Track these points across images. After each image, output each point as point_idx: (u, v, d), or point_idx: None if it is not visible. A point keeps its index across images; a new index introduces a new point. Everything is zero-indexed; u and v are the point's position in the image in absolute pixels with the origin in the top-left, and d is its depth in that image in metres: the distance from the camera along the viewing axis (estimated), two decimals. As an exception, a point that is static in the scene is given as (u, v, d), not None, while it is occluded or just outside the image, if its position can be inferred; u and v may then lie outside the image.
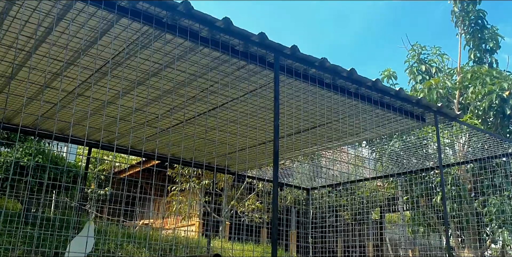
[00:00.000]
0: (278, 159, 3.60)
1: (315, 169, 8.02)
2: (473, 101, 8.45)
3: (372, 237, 17.18)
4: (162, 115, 5.13)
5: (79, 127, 5.70)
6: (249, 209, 13.85)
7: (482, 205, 7.51)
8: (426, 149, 7.32)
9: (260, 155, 6.48)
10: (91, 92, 4.47)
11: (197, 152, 6.49)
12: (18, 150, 10.08)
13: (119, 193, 12.28)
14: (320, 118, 4.99)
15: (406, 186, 8.21)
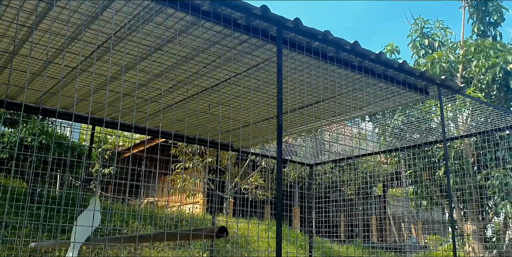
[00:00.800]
0: (282, 133, 3.61)
1: (318, 145, 8.03)
2: (476, 75, 8.40)
3: (375, 212, 17.34)
4: (165, 92, 5.13)
5: (82, 105, 5.70)
6: (253, 186, 13.96)
7: (485, 178, 7.54)
8: (429, 123, 7.32)
9: (264, 131, 6.49)
10: (94, 68, 4.46)
11: (200, 128, 6.50)
12: (22, 130, 10.12)
13: (123, 172, 12.38)
14: (323, 93, 4.98)
15: (409, 160, 8.25)
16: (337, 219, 16.27)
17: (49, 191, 10.98)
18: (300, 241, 12.51)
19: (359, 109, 5.53)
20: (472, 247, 7.58)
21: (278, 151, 3.59)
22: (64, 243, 4.88)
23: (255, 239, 11.01)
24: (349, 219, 15.71)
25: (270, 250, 10.47)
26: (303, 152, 8.30)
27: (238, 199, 14.33)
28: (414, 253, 12.28)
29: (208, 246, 9.47)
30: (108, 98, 5.31)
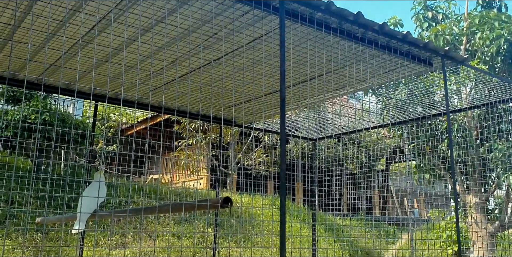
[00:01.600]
0: (285, 106, 3.60)
1: (321, 120, 8.03)
2: (480, 47, 8.32)
3: (378, 186, 17.45)
4: (168, 66, 5.10)
5: (85, 80, 5.69)
6: (256, 162, 14.03)
7: (488, 150, 7.56)
8: (432, 97, 7.30)
9: (267, 105, 6.49)
10: (95, 44, 4.44)
11: (203, 103, 6.50)
12: (25, 107, 10.14)
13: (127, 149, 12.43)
14: (326, 65, 4.95)
15: (412, 134, 8.25)
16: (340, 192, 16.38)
17: (54, 169, 11.07)
18: (303, 215, 12.64)
19: (363, 82, 5.51)
20: (474, 219, 7.65)
21: (281, 124, 3.59)
22: (70, 217, 4.93)
23: (259, 213, 11.13)
24: (352, 193, 15.83)
25: (274, 224, 10.59)
26: (306, 127, 8.31)
27: (241, 175, 14.43)
28: (417, 226, 12.41)
29: (213, 220, 9.58)
30: (110, 73, 5.29)
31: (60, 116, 10.35)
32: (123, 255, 8.73)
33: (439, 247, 8.13)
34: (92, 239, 8.93)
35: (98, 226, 9.37)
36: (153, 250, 9.30)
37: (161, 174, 15.57)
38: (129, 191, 9.97)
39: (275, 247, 9.43)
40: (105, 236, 9.27)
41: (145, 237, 9.74)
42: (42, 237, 8.29)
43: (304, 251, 9.54)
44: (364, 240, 11.96)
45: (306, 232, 10.98)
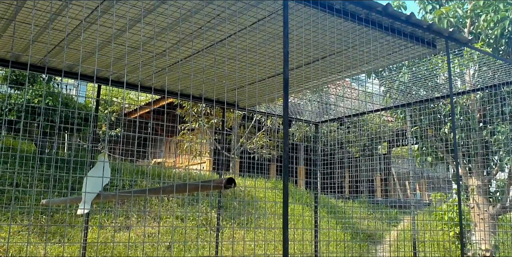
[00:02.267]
0: (288, 87, 3.60)
1: (324, 103, 8.03)
2: (484, 30, 8.27)
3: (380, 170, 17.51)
4: (170, 48, 5.10)
5: (88, 63, 5.69)
6: (259, 146, 14.07)
7: (491, 133, 7.56)
8: (436, 79, 7.28)
9: (270, 88, 6.49)
10: (98, 25, 4.43)
11: (206, 87, 6.50)
12: (28, 91, 10.15)
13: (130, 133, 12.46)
14: (330, 47, 4.94)
15: (414, 117, 8.25)
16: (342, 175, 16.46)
17: (57, 152, 11.13)
18: (305, 199, 12.72)
19: (366, 64, 5.49)
20: (476, 201, 7.70)
21: (284, 105, 3.60)
22: (74, 199, 4.98)
23: (262, 196, 11.21)
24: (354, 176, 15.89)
25: (277, 206, 10.67)
26: (309, 111, 8.31)
27: (244, 159, 14.48)
28: (418, 209, 12.49)
29: (216, 203, 9.65)
30: (113, 55, 5.29)
31: (63, 100, 10.37)
32: (128, 237, 8.83)
33: (440, 229, 8.19)
34: (97, 222, 9.02)
35: (103, 208, 9.46)
36: (157, 232, 9.39)
37: (164, 158, 15.64)
38: (132, 174, 10.03)
39: (278, 229, 9.52)
40: (109, 219, 9.36)
41: (149, 220, 9.83)
42: (47, 220, 8.38)
43: (306, 233, 9.63)
44: (366, 222, 12.06)
45: (308, 215, 11.06)
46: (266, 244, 9.88)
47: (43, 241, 8.12)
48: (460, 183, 5.34)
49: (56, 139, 10.57)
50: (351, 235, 11.59)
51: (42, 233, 8.27)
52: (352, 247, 10.74)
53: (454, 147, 4.90)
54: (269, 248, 9.78)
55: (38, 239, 8.21)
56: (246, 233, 10.36)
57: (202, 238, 9.78)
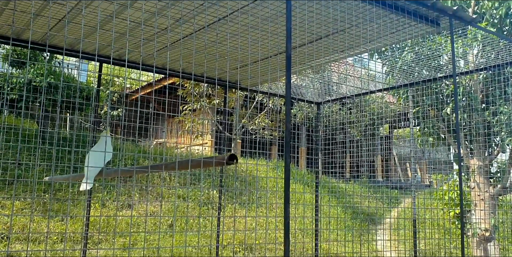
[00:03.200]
0: (291, 64, 3.59)
1: (325, 84, 8.01)
2: (489, 10, 8.18)
3: (381, 152, 17.56)
4: (172, 26, 5.07)
5: (89, 40, 5.66)
6: (260, 127, 14.08)
7: (493, 113, 7.55)
8: (438, 60, 7.24)
9: (273, 67, 6.46)
10: (99, 2, 4.39)
11: (208, 66, 6.47)
12: (29, 70, 10.14)
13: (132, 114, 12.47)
14: (333, 25, 4.90)
15: (416, 97, 8.24)
16: (344, 156, 16.52)
17: (60, 132, 11.16)
18: (307, 180, 12.79)
19: (370, 43, 5.46)
20: (476, 182, 7.73)
21: (287, 83, 3.58)
22: (77, 176, 5.01)
23: (263, 177, 11.26)
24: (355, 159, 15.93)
25: (278, 187, 10.73)
26: (311, 91, 8.29)
27: (245, 140, 14.51)
28: (419, 191, 12.55)
29: (217, 183, 9.71)
30: (115, 32, 5.26)
31: (65, 79, 10.36)
32: (130, 216, 8.91)
33: (441, 210, 8.25)
34: (99, 200, 9.09)
35: (105, 187, 9.52)
36: (159, 210, 9.47)
37: (166, 139, 15.68)
38: (134, 154, 10.07)
39: (279, 208, 9.60)
40: (112, 197, 9.44)
41: (151, 198, 9.91)
42: (49, 197, 8.45)
43: (307, 213, 9.70)
44: (366, 202, 12.13)
45: (309, 195, 11.13)
46: (267, 223, 9.97)
47: (46, 218, 8.20)
48: (461, 164, 5.35)
49: (58, 116, 10.59)
50: (351, 215, 11.68)
51: (45, 210, 8.35)
52: (352, 227, 10.83)
53: (456, 128, 4.90)
54: (270, 227, 9.87)
55: (41, 217, 8.29)
56: (248, 212, 10.44)
57: (204, 217, 9.88)
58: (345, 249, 8.58)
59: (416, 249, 6.94)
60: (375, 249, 10.07)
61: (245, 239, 8.97)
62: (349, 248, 8.40)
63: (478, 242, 7.53)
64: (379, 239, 10.35)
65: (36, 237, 7.88)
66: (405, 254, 8.55)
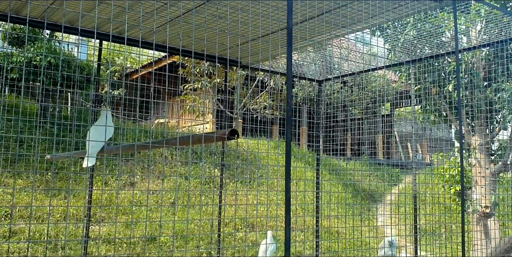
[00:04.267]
0: (292, 38, 3.56)
1: (327, 60, 7.96)
2: (493, -15, 8.07)
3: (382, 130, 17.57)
4: (172, 1, 5.01)
5: (89, 17, 5.61)
6: (261, 106, 14.06)
7: (495, 90, 7.52)
8: (441, 37, 7.18)
9: (274, 44, 6.41)
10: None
11: (209, 43, 6.42)
12: (29, 49, 10.08)
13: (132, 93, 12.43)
14: (335, 0, 4.85)
15: (418, 74, 8.19)
16: (345, 136, 16.53)
17: (61, 111, 11.16)
18: (307, 158, 12.83)
19: (371, 19, 5.40)
20: (477, 160, 7.74)
21: (288, 58, 3.56)
22: (79, 153, 5.02)
23: (265, 156, 11.29)
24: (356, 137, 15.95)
25: (279, 166, 10.77)
26: (312, 68, 8.25)
27: (247, 119, 14.51)
28: (420, 169, 12.59)
29: (218, 161, 9.74)
30: (114, 8, 5.20)
31: (65, 59, 10.31)
32: (132, 194, 8.97)
33: (441, 187, 8.29)
34: (101, 179, 9.14)
35: (107, 166, 9.57)
36: (161, 189, 9.53)
37: (167, 118, 15.67)
38: (135, 133, 10.09)
39: (280, 188, 9.65)
40: (114, 176, 9.48)
41: (153, 178, 9.96)
42: (51, 176, 8.50)
43: (308, 192, 9.76)
44: (367, 181, 12.20)
45: (310, 173, 11.18)
46: (269, 200, 10.04)
47: (49, 196, 8.26)
48: (462, 141, 5.35)
49: (58, 96, 10.57)
50: (352, 194, 11.75)
51: (47, 189, 8.40)
52: (352, 204, 10.90)
53: (458, 105, 4.88)
54: (271, 204, 9.94)
55: (44, 196, 8.36)
56: (249, 191, 10.51)
57: (205, 195, 9.94)
58: (345, 226, 8.66)
59: (416, 225, 6.99)
60: (375, 225, 10.15)
61: (247, 216, 9.05)
62: (350, 225, 8.48)
63: (478, 219, 7.59)
64: (379, 216, 10.43)
65: (39, 215, 7.95)
66: (405, 231, 8.63)
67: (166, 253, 7.88)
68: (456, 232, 7.70)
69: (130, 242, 8.06)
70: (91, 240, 7.58)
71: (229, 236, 8.78)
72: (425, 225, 8.02)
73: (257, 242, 8.25)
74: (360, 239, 8.89)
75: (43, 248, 7.32)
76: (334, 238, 9.35)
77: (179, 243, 8.30)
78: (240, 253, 8.50)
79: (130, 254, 7.92)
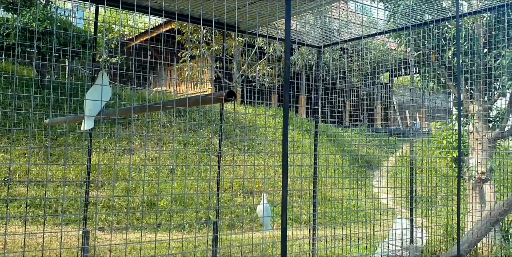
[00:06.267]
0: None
1: (327, 25, 7.85)
2: None
3: (381, 99, 17.55)
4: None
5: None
6: (260, 74, 13.99)
7: (495, 56, 7.47)
8: (441, 3, 7.07)
9: (272, 8, 6.32)
10: None
11: (205, 7, 6.32)
12: (25, 15, 9.94)
13: (130, 62, 12.34)
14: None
15: (418, 40, 8.11)
16: (344, 104, 16.53)
17: (58, 78, 11.10)
18: (306, 126, 12.85)
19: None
20: (475, 126, 7.76)
21: (286, 18, 3.50)
22: (77, 117, 5.01)
23: (263, 124, 11.32)
24: (355, 107, 15.94)
25: (277, 134, 10.81)
26: (312, 37, 8.15)
27: (245, 88, 14.46)
28: (418, 138, 12.65)
29: (217, 130, 9.76)
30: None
31: (61, 25, 10.18)
32: (130, 160, 9.02)
33: (439, 154, 8.33)
34: (100, 145, 9.18)
35: (105, 134, 9.59)
36: (159, 156, 9.58)
37: (165, 86, 15.61)
38: (133, 102, 10.07)
39: (278, 154, 9.70)
40: (112, 142, 9.52)
41: (152, 144, 10.00)
42: (49, 142, 8.52)
43: (305, 159, 9.82)
44: (365, 149, 12.26)
45: (308, 142, 11.23)
46: (267, 168, 10.11)
47: (47, 163, 8.31)
48: (461, 108, 5.35)
49: (54, 61, 10.48)
50: (349, 161, 11.83)
51: (46, 155, 8.44)
52: (350, 172, 10.99)
53: (457, 71, 4.85)
54: (269, 171, 10.02)
55: (44, 161, 8.40)
56: (247, 158, 10.57)
57: (204, 162, 10.00)
58: (342, 193, 8.75)
59: (413, 191, 7.06)
60: (372, 193, 10.26)
61: (244, 182, 9.13)
62: (347, 192, 8.56)
63: (474, 185, 7.67)
64: (376, 182, 10.53)
65: (39, 181, 8.01)
66: (401, 199, 8.72)
67: (166, 217, 7.99)
68: (452, 199, 7.80)
69: (129, 206, 8.16)
70: (91, 204, 7.68)
71: (228, 202, 8.89)
72: (421, 191, 8.11)
73: (255, 207, 8.35)
74: (356, 205, 9.01)
75: (43, 212, 7.42)
76: (330, 203, 9.47)
77: (179, 207, 8.41)
78: (239, 217, 8.62)
79: (130, 218, 8.04)
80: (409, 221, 6.61)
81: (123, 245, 6.81)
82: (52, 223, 7.40)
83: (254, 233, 7.22)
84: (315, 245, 6.11)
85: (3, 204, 7.47)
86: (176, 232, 7.70)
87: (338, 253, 6.56)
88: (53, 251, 6.39)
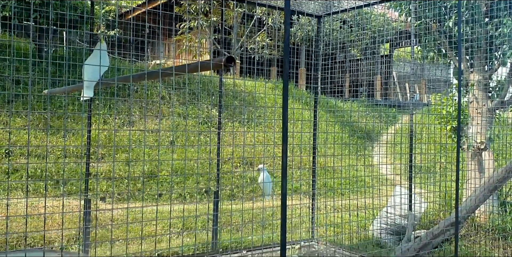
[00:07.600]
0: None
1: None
2: None
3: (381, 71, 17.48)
4: None
5: None
6: (260, 45, 13.89)
7: (496, 26, 7.40)
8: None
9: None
10: None
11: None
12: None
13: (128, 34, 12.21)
14: None
15: (418, 9, 8.02)
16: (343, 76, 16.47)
17: (56, 51, 11.02)
18: (305, 98, 12.83)
19: None
20: (475, 96, 7.74)
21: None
22: (75, 86, 4.99)
23: (262, 96, 11.29)
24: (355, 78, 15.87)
25: (277, 106, 10.80)
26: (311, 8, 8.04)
27: (244, 59, 14.37)
28: (417, 109, 12.65)
29: (216, 102, 9.74)
30: None
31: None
32: (129, 133, 9.04)
33: (438, 123, 8.35)
34: (100, 118, 9.18)
35: (105, 106, 9.58)
36: (159, 127, 9.59)
37: (164, 59, 15.51)
38: (131, 73, 10.01)
39: (277, 127, 9.72)
40: (112, 115, 9.52)
41: (151, 117, 10.00)
42: (47, 115, 8.52)
43: (305, 130, 9.83)
44: (364, 120, 12.27)
45: (307, 115, 11.23)
46: (266, 139, 10.14)
47: (48, 135, 8.33)
48: (461, 78, 5.31)
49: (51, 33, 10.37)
50: (349, 134, 11.85)
51: (46, 127, 8.45)
52: (349, 142, 11.03)
53: (458, 40, 4.80)
54: (269, 142, 10.05)
55: (43, 133, 8.42)
56: (247, 130, 10.59)
57: (204, 135, 10.03)
58: (341, 163, 8.80)
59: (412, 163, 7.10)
60: (371, 163, 10.32)
61: (244, 153, 9.17)
62: (345, 162, 8.61)
63: (473, 154, 7.71)
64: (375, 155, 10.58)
65: (40, 152, 8.04)
66: (400, 169, 8.78)
67: (167, 188, 8.06)
68: (451, 168, 7.85)
69: (129, 177, 8.23)
70: (92, 176, 7.73)
71: (228, 173, 8.95)
72: (420, 163, 8.16)
73: (255, 178, 8.42)
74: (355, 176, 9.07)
75: (44, 184, 7.48)
76: (330, 175, 9.54)
77: (179, 179, 8.47)
78: (239, 188, 8.70)
79: (132, 189, 8.11)
80: (407, 189, 6.67)
81: (124, 215, 6.90)
82: (54, 194, 7.47)
83: (254, 202, 7.30)
84: (314, 213, 6.18)
85: (5, 176, 7.52)
86: (177, 203, 7.77)
87: (337, 222, 6.64)
88: (55, 220, 6.47)
